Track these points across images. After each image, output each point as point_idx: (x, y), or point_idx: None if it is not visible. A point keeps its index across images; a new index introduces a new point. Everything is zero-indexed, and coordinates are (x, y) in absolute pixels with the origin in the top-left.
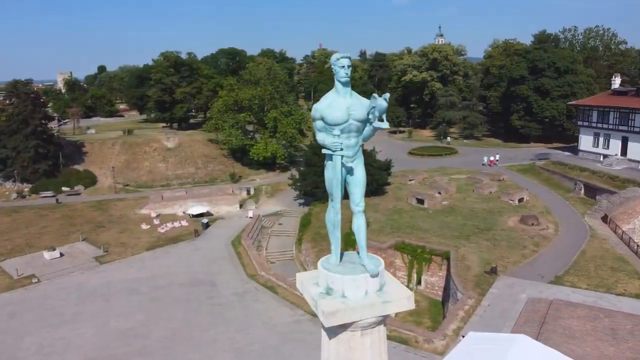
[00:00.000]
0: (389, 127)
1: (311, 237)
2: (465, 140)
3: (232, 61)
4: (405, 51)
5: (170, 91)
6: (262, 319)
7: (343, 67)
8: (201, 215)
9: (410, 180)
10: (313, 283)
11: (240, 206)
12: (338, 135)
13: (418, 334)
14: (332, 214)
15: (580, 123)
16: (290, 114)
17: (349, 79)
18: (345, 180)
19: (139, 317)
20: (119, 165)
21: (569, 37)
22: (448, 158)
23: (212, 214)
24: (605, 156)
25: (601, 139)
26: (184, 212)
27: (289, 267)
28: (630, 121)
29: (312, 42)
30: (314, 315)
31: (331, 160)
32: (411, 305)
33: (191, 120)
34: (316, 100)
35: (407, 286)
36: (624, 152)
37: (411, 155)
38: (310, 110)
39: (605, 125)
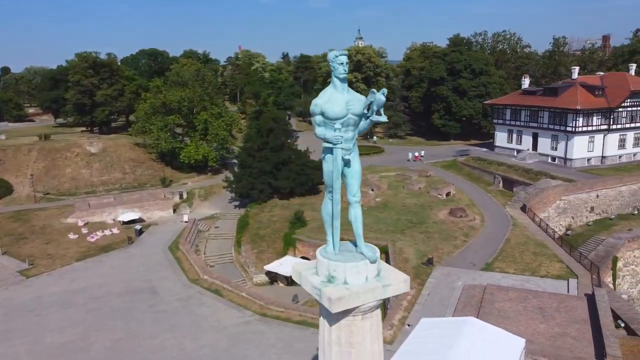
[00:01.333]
0: (386, 120)
1: (250, 239)
2: (390, 140)
3: (154, 62)
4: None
5: (90, 94)
6: (210, 323)
7: (342, 64)
8: (133, 221)
9: None
10: (312, 273)
11: (174, 211)
12: (339, 129)
13: None
14: (330, 205)
15: (495, 121)
16: (220, 116)
17: (346, 75)
18: (342, 172)
19: (77, 330)
20: (37, 173)
21: (480, 40)
22: (376, 157)
23: (144, 220)
24: (518, 151)
25: (514, 135)
26: (114, 220)
27: (229, 269)
28: (539, 118)
29: (232, 44)
30: (263, 315)
31: (330, 153)
32: (407, 288)
33: (113, 124)
34: (243, 101)
35: None
36: (534, 147)
37: None
38: (239, 111)
39: (517, 123)
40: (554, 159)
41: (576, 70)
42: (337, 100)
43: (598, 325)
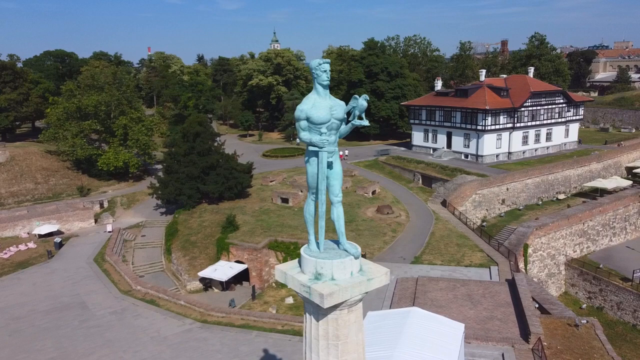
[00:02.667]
0: (368, 124)
1: (181, 246)
2: None
3: (61, 65)
4: (249, 56)
5: None
6: (149, 334)
7: (325, 71)
8: (51, 234)
9: (271, 181)
10: (297, 272)
11: (95, 221)
12: (325, 133)
13: None
14: (312, 206)
15: (412, 121)
16: (140, 120)
17: (329, 82)
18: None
19: (1, 354)
20: None
21: (393, 44)
22: (300, 158)
23: (63, 232)
24: (434, 149)
25: (430, 135)
26: (28, 233)
27: (160, 278)
28: (452, 118)
29: (142, 45)
30: (204, 321)
31: (315, 156)
32: (388, 280)
33: (18, 131)
34: (160, 105)
35: (282, 283)
36: (449, 145)
37: (265, 157)
38: (161, 116)
39: (432, 123)
40: (466, 156)
41: (483, 73)
42: (321, 105)
43: (520, 307)
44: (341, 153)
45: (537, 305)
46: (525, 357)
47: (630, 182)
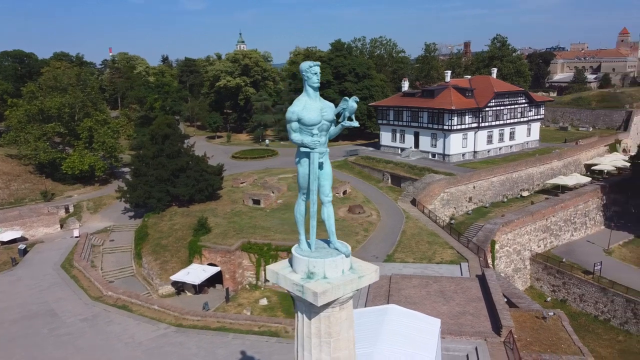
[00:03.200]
0: (358, 125)
1: (151, 249)
2: (281, 142)
3: (20, 65)
4: (215, 57)
5: None
6: (123, 340)
7: (315, 73)
8: (14, 241)
9: (241, 183)
10: (289, 271)
11: (61, 226)
12: (317, 134)
13: (286, 325)
14: (303, 206)
15: (380, 121)
16: (106, 123)
17: (319, 84)
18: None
19: None
20: None
21: (360, 46)
22: (270, 159)
23: (27, 239)
24: (402, 149)
25: (398, 135)
26: None
27: (131, 283)
28: (419, 118)
29: (103, 46)
30: (179, 325)
31: (306, 157)
32: (377, 277)
33: None
34: (124, 107)
35: (256, 284)
36: (416, 144)
37: (235, 159)
38: (123, 117)
39: (400, 123)
40: (434, 155)
41: (449, 73)
42: (312, 107)
43: (491, 301)
44: None
45: (505, 300)
46: (497, 350)
47: (589, 179)
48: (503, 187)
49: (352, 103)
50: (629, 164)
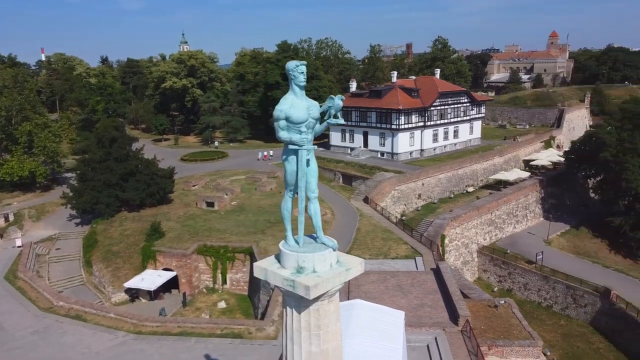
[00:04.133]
0: (344, 122)
1: (102, 257)
2: (231, 144)
3: None
4: (160, 57)
5: None
6: (79, 350)
7: (302, 72)
8: None
9: (193, 186)
10: (278, 267)
11: (1, 236)
12: (305, 132)
13: (249, 325)
14: (290, 203)
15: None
16: (47, 126)
17: (305, 83)
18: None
19: None
20: None
21: (306, 47)
22: (220, 161)
23: None
24: (352, 149)
25: (347, 135)
26: None
27: (81, 292)
28: (368, 118)
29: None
30: (138, 332)
31: (294, 154)
32: (362, 269)
33: None
34: (64, 110)
35: (213, 287)
36: (365, 144)
37: (184, 162)
38: (65, 120)
39: (349, 123)
40: (382, 154)
41: (395, 74)
42: (299, 105)
43: (447, 293)
44: (265, 153)
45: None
46: (455, 338)
47: (528, 174)
48: (450, 183)
49: (338, 101)
50: (563, 159)
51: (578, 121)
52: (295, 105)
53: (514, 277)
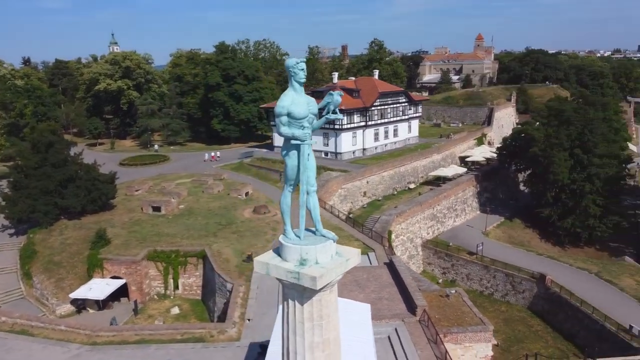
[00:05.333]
0: (342, 117)
1: (43, 268)
2: (171, 147)
3: None
4: (91, 59)
5: None
6: None
7: (302, 69)
8: None
9: (136, 191)
10: (279, 261)
11: None
12: (307, 127)
13: (210, 329)
14: (289, 197)
15: (272, 123)
16: None
17: (305, 80)
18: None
19: None
20: None
21: (244, 48)
22: (162, 165)
23: None
24: None
25: None
26: None
27: (22, 306)
28: None
29: None
30: (93, 344)
31: (295, 149)
32: (359, 260)
33: None
34: None
35: (165, 293)
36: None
37: (123, 166)
38: None
39: None
40: (326, 154)
41: (336, 75)
42: (299, 101)
43: (402, 285)
44: (213, 154)
45: None
46: (414, 328)
47: (465, 170)
48: (392, 180)
49: (337, 97)
50: (496, 155)
51: (506, 119)
52: (296, 102)
53: (457, 268)
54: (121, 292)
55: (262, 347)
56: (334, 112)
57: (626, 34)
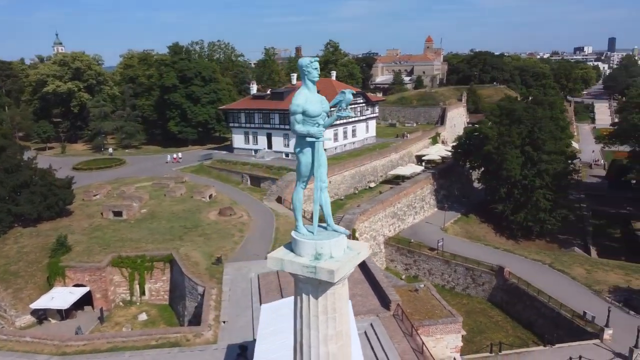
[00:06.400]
0: (352, 114)
1: None
2: (126, 150)
3: None
4: (37, 59)
5: None
6: None
7: (315, 68)
8: None
9: (94, 195)
10: (294, 256)
11: None
12: (322, 124)
13: (186, 333)
14: (301, 194)
15: (231, 124)
16: None
17: (318, 78)
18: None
19: None
20: None
21: (198, 49)
22: (118, 169)
23: None
24: (256, 151)
25: (251, 137)
26: None
27: None
28: (271, 120)
29: None
30: (63, 354)
31: (309, 146)
32: (368, 253)
33: None
34: None
35: (131, 300)
36: (270, 145)
37: (78, 171)
38: None
39: (252, 125)
40: (287, 155)
41: (295, 76)
42: (313, 100)
43: (374, 281)
44: (175, 156)
45: None
46: (389, 322)
47: (422, 168)
48: (353, 180)
49: (349, 95)
50: (451, 154)
51: (458, 118)
52: (310, 100)
53: (419, 264)
54: (85, 301)
55: (242, 348)
56: (345, 110)
57: (563, 36)
